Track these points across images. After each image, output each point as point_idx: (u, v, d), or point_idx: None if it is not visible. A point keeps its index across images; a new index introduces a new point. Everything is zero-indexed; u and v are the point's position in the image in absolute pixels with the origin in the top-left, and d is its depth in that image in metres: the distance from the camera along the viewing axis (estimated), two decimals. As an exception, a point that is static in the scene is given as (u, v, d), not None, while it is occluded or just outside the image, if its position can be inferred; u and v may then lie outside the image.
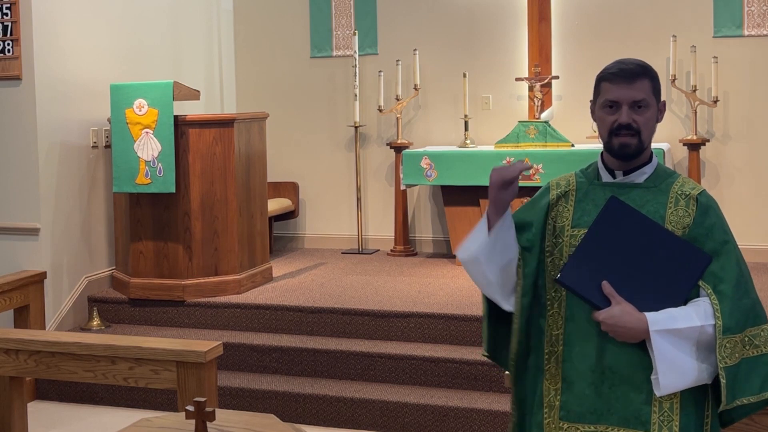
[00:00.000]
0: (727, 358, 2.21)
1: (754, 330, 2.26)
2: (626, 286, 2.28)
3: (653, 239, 2.29)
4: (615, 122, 2.31)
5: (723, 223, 2.34)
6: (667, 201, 2.33)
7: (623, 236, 2.30)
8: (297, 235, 7.59)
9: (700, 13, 6.55)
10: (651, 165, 2.38)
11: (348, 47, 7.28)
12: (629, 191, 2.35)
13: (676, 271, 2.28)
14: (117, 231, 6.03)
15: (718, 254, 2.29)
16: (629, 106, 2.30)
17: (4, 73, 5.51)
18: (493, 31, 7.02)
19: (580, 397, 2.31)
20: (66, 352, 3.78)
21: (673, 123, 6.65)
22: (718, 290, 2.25)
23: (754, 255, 6.50)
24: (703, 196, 2.34)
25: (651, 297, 2.28)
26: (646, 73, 2.33)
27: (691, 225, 2.30)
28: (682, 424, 2.25)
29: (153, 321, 5.73)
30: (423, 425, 4.64)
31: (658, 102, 2.37)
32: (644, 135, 2.32)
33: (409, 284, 5.93)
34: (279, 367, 5.14)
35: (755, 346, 2.25)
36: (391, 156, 7.19)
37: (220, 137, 5.72)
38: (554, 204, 2.42)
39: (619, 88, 2.31)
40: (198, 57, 7.23)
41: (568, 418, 2.32)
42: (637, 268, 2.29)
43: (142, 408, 5.10)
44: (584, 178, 2.43)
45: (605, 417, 2.29)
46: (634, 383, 2.26)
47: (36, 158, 5.53)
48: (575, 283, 2.30)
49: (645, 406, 2.26)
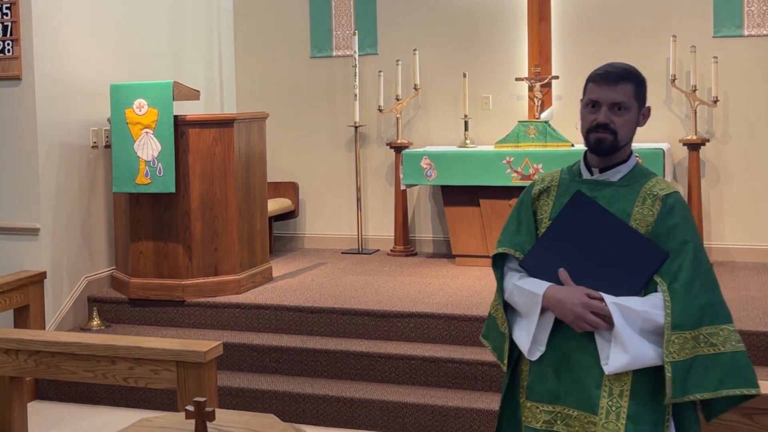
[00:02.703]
0: (674, 353, 2.31)
1: (711, 329, 2.35)
2: (584, 274, 2.42)
3: (613, 233, 2.42)
4: (594, 121, 2.46)
5: (687, 224, 2.43)
6: (636, 199, 2.46)
7: (585, 228, 2.45)
8: (297, 235, 7.59)
9: (700, 13, 6.55)
10: (627, 165, 2.53)
11: (348, 47, 7.28)
12: (604, 188, 2.50)
13: (632, 264, 2.40)
14: (117, 231, 6.03)
15: (677, 253, 2.39)
16: (609, 107, 2.45)
17: (4, 73, 5.51)
18: (493, 31, 7.02)
19: (541, 379, 2.47)
20: (66, 352, 3.77)
21: (673, 123, 6.65)
22: (671, 288, 2.36)
23: (754, 255, 6.51)
24: (670, 197, 2.46)
25: (607, 286, 2.40)
26: (631, 78, 2.47)
27: (654, 223, 2.43)
28: (631, 411, 2.34)
29: (153, 321, 5.73)
30: (423, 425, 4.64)
31: (641, 106, 2.51)
32: (620, 135, 2.46)
33: (409, 284, 5.93)
34: (279, 367, 5.15)
35: (712, 345, 2.34)
36: (391, 156, 7.19)
37: (220, 137, 5.72)
38: (536, 199, 2.60)
39: (601, 90, 2.46)
40: (198, 57, 7.23)
41: (531, 397, 2.50)
42: (595, 259, 2.43)
43: (142, 408, 5.10)
44: (568, 174, 2.59)
45: (562, 398, 2.43)
46: (589, 368, 2.40)
47: (36, 158, 5.53)
48: (535, 269, 2.47)
49: (595, 390, 2.38)
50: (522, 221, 2.60)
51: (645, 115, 2.53)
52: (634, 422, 2.35)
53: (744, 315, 4.96)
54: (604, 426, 2.35)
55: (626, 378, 2.37)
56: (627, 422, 2.34)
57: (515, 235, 2.59)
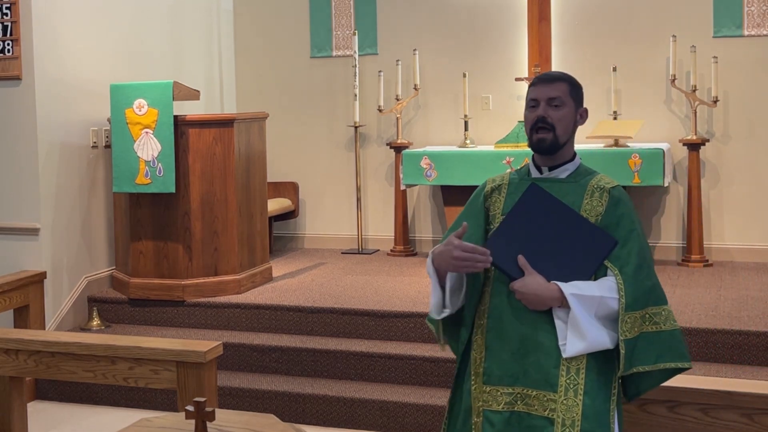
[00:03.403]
0: (627, 332, 2.53)
1: (655, 309, 2.58)
2: (540, 261, 2.59)
3: (566, 222, 2.61)
4: (534, 118, 2.67)
5: (631, 214, 2.65)
6: (584, 193, 2.67)
7: (540, 218, 2.62)
8: (297, 235, 7.59)
9: (700, 13, 6.55)
10: (573, 163, 2.73)
11: (348, 47, 7.28)
12: (552, 185, 2.69)
13: (584, 251, 2.59)
14: (117, 231, 6.03)
15: (625, 241, 2.60)
16: (546, 102, 2.67)
17: (4, 73, 5.51)
18: (493, 31, 7.02)
19: (499, 363, 2.60)
20: (66, 352, 3.77)
21: (673, 123, 6.65)
22: (623, 272, 2.56)
23: (754, 255, 6.51)
24: (615, 190, 2.67)
25: (561, 271, 2.57)
26: (565, 78, 2.72)
27: (603, 214, 2.63)
28: (587, 387, 2.53)
29: (153, 321, 5.73)
30: (423, 425, 4.64)
31: (578, 107, 2.72)
32: (558, 131, 2.66)
33: (409, 284, 5.93)
34: (279, 367, 5.15)
35: (655, 323, 2.57)
36: (391, 156, 7.19)
37: (220, 137, 5.72)
38: (488, 195, 2.79)
39: (538, 89, 2.70)
40: (198, 57, 7.23)
41: (489, 381, 2.61)
42: (550, 246, 2.60)
43: (142, 408, 5.10)
44: (517, 175, 2.80)
45: (521, 380, 2.57)
46: (546, 349, 2.55)
47: (36, 158, 5.53)
48: (494, 256, 2.59)
49: (554, 370, 2.54)
50: (470, 215, 2.78)
51: (582, 115, 2.74)
52: (590, 397, 2.53)
53: (744, 315, 4.96)
54: (563, 402, 2.52)
55: (581, 356, 2.55)
56: (584, 397, 2.52)
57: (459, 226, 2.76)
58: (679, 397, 2.95)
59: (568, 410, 2.51)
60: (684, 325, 4.78)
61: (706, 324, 4.80)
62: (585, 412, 2.51)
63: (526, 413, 2.55)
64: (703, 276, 6.06)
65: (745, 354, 4.67)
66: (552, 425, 2.52)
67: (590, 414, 2.51)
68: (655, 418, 2.98)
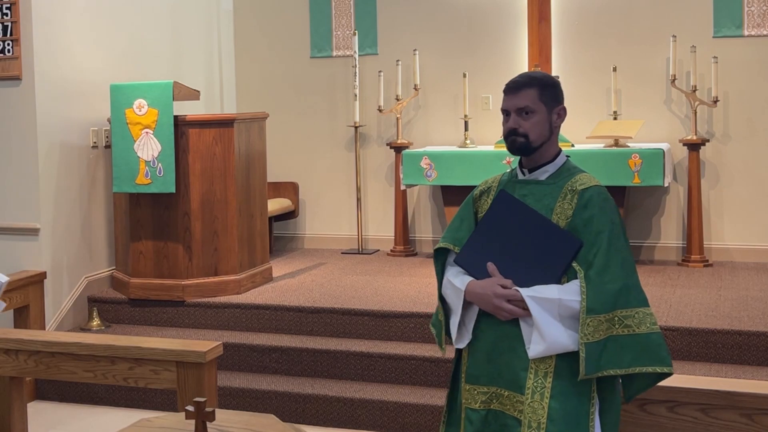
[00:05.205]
0: (589, 335, 2.52)
1: (626, 312, 2.55)
2: (511, 267, 2.64)
3: (533, 226, 2.64)
4: (506, 129, 2.71)
5: (603, 215, 2.62)
6: (559, 195, 2.67)
7: (510, 224, 2.67)
8: (297, 235, 7.59)
9: (700, 13, 6.55)
10: (554, 164, 2.73)
11: (348, 47, 7.28)
12: (533, 187, 2.72)
13: (551, 254, 2.61)
14: (117, 231, 6.03)
15: (592, 243, 2.59)
16: (516, 112, 2.69)
17: (4, 73, 5.51)
18: (493, 31, 7.02)
19: (477, 363, 2.69)
20: (66, 352, 3.77)
21: (673, 123, 6.65)
22: (587, 275, 2.56)
23: (754, 255, 6.51)
24: (587, 191, 2.65)
25: (530, 275, 2.61)
26: (533, 83, 2.70)
27: (572, 216, 2.64)
28: (555, 391, 2.55)
29: (153, 321, 5.73)
30: (423, 425, 4.64)
31: (553, 107, 2.72)
32: (532, 137, 2.67)
33: (409, 284, 5.93)
34: (279, 367, 5.15)
35: (626, 326, 2.54)
36: (391, 156, 7.19)
37: (220, 137, 5.72)
38: (477, 199, 2.83)
39: (508, 99, 2.72)
40: (198, 57, 7.23)
41: (469, 380, 2.71)
42: (519, 251, 2.65)
43: (142, 408, 5.10)
44: (508, 176, 2.82)
45: (495, 380, 2.65)
46: (517, 352, 2.61)
47: (36, 158, 5.53)
48: (467, 264, 2.69)
49: (522, 372, 2.60)
50: (464, 219, 2.81)
51: (560, 114, 2.74)
52: (558, 401, 2.55)
53: (744, 315, 4.96)
54: (530, 405, 2.57)
55: (550, 360, 2.58)
56: (551, 401, 2.55)
57: (456, 231, 2.81)
58: (679, 397, 2.95)
59: (534, 412, 2.56)
60: (684, 325, 4.78)
61: (706, 324, 4.80)
62: (551, 415, 2.54)
63: (501, 412, 2.64)
64: (703, 276, 6.06)
65: (745, 354, 4.67)
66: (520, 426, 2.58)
67: (557, 417, 2.54)
68: (655, 418, 2.98)
